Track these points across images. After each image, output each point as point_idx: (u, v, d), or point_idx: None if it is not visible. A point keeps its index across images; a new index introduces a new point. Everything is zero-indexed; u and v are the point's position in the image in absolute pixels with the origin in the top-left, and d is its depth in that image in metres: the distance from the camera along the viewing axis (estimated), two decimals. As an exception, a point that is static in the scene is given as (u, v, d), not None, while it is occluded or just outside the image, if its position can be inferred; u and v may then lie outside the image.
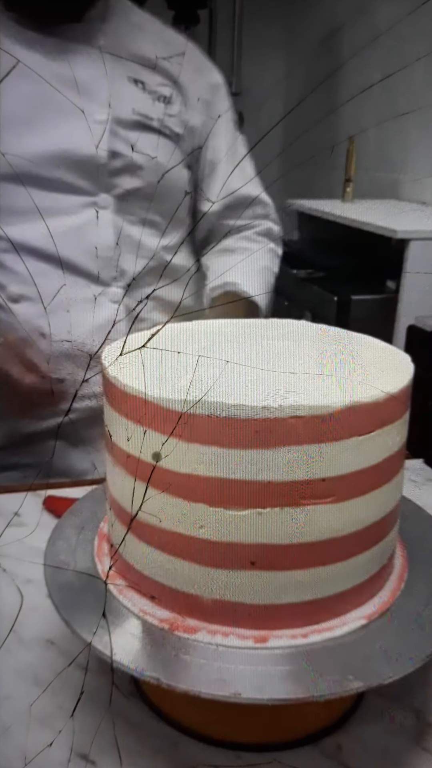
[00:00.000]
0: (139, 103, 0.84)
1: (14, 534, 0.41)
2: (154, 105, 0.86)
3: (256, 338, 0.49)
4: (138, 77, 0.85)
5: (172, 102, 0.88)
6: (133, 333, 0.42)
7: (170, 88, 0.88)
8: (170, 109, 0.87)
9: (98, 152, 0.80)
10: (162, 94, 0.87)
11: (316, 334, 0.51)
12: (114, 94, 0.82)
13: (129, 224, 0.85)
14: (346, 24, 2.54)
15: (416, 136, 2.21)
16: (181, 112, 0.89)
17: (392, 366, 0.44)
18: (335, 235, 2.10)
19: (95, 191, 0.83)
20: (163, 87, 0.87)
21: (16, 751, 0.42)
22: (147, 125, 0.85)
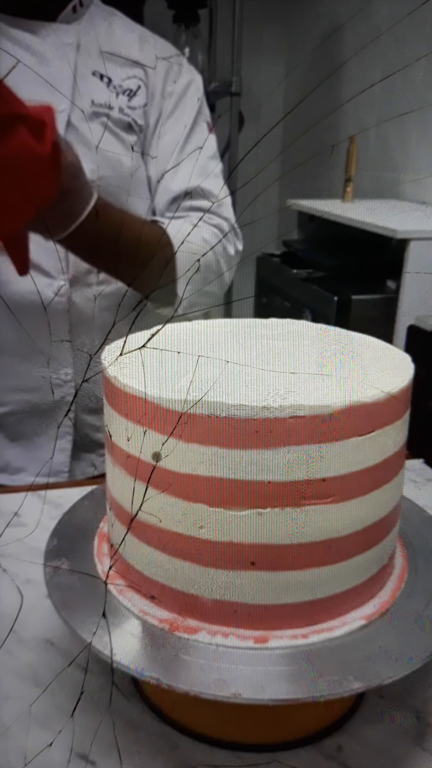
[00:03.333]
0: (99, 95, 0.85)
1: (14, 534, 0.41)
2: (117, 98, 0.86)
3: (256, 338, 0.49)
4: (104, 72, 0.86)
5: (137, 94, 0.88)
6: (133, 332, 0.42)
7: (138, 81, 0.88)
8: (134, 101, 0.88)
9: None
10: (128, 88, 0.87)
11: (316, 334, 0.51)
12: (76, 86, 0.83)
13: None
14: (346, 24, 2.54)
15: (417, 135, 2.21)
16: (147, 104, 0.89)
17: (392, 366, 0.44)
18: (335, 235, 2.10)
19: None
20: (130, 80, 0.88)
21: (16, 751, 0.42)
22: (105, 115, 0.85)
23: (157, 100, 0.90)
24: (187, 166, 0.92)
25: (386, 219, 1.81)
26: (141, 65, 0.89)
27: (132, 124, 0.88)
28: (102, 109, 0.85)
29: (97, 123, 0.85)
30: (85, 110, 0.84)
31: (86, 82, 0.85)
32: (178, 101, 0.92)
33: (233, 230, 0.97)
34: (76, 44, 0.85)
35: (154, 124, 0.91)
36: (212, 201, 0.94)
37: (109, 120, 0.86)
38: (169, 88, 0.91)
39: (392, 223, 1.74)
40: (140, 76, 0.89)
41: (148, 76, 0.90)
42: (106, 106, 0.85)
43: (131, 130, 0.88)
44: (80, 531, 0.50)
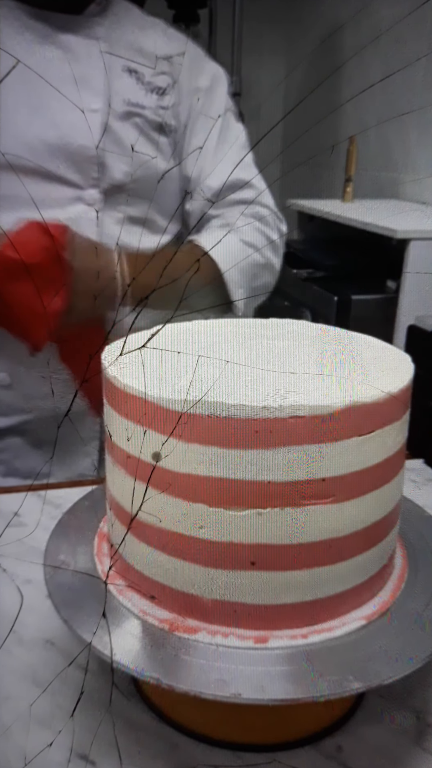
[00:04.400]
0: (131, 93, 0.84)
1: (14, 534, 0.41)
2: (147, 96, 0.85)
3: (256, 338, 0.49)
4: (135, 68, 0.84)
5: (167, 93, 0.86)
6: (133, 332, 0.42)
7: (167, 78, 0.87)
8: (163, 101, 0.86)
9: (88, 143, 0.79)
10: (157, 86, 0.86)
11: (316, 334, 0.51)
12: (108, 85, 0.82)
13: (114, 223, 0.83)
14: (346, 24, 2.54)
15: (416, 136, 2.21)
16: (176, 104, 0.87)
17: (392, 366, 0.44)
18: (335, 235, 2.10)
19: (82, 185, 0.81)
20: (160, 77, 0.86)
21: (16, 751, 0.42)
22: (139, 115, 0.84)
23: (185, 98, 0.88)
24: (224, 161, 0.91)
25: (386, 219, 1.81)
26: (167, 63, 0.87)
27: (164, 124, 0.86)
28: (135, 108, 0.84)
29: (130, 123, 0.84)
30: (119, 110, 0.82)
31: (118, 79, 0.83)
32: (206, 96, 0.90)
33: (274, 215, 0.95)
34: (105, 39, 0.83)
35: (185, 122, 0.89)
36: (251, 189, 0.92)
37: (141, 120, 0.84)
38: (195, 84, 0.89)
39: (392, 223, 1.74)
40: (168, 72, 0.87)
41: (175, 74, 0.88)
42: (140, 105, 0.84)
43: (163, 131, 0.86)
44: (80, 531, 0.50)
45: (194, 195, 0.91)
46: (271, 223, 0.94)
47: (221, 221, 0.91)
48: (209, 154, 0.90)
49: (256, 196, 0.93)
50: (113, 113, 0.82)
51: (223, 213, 0.91)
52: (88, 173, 0.81)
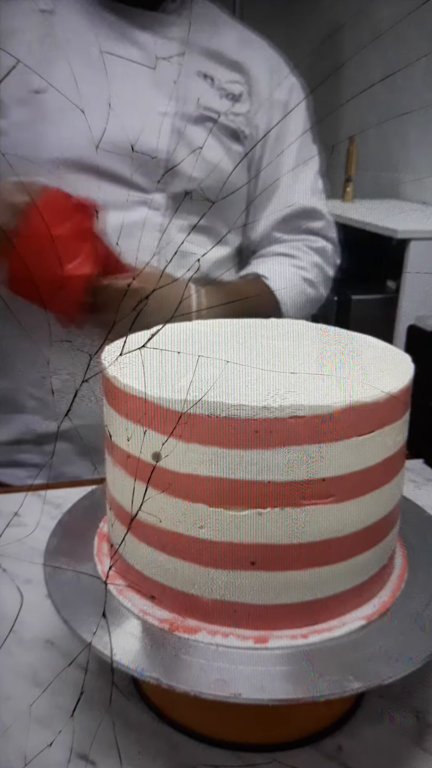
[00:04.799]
0: (205, 97, 0.80)
1: (14, 534, 0.41)
2: (220, 101, 0.82)
3: (256, 338, 0.49)
4: (208, 72, 0.81)
5: (241, 100, 0.83)
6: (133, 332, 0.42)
7: (241, 86, 0.83)
8: (238, 107, 0.83)
9: (157, 147, 0.77)
10: (231, 92, 0.83)
11: (316, 334, 0.51)
12: (181, 87, 0.79)
13: (177, 230, 0.80)
14: (346, 24, 2.54)
15: (417, 135, 2.21)
16: (250, 111, 0.84)
17: (392, 366, 0.44)
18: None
19: (148, 188, 0.79)
20: (233, 84, 0.83)
21: (16, 751, 0.42)
22: (212, 120, 0.81)
23: (264, 108, 0.85)
24: (296, 184, 0.88)
25: (386, 219, 1.81)
26: (243, 69, 0.84)
27: (238, 132, 0.83)
28: (208, 112, 0.81)
29: (202, 128, 0.81)
30: (191, 113, 0.79)
31: (192, 81, 0.80)
32: (285, 110, 0.87)
33: (335, 249, 0.94)
34: (179, 40, 0.80)
35: (262, 134, 0.86)
36: (320, 220, 0.91)
37: (215, 125, 0.81)
38: (275, 96, 0.86)
39: (392, 223, 1.74)
40: (242, 81, 0.84)
41: (251, 81, 0.84)
42: (213, 110, 0.81)
43: (236, 139, 0.83)
44: (80, 531, 0.50)
45: (259, 212, 0.89)
46: (330, 258, 0.92)
47: (284, 248, 0.89)
48: (285, 173, 0.87)
49: (324, 228, 0.91)
50: (185, 117, 0.79)
51: (287, 240, 0.89)
52: (155, 177, 0.78)
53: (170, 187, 0.80)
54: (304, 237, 0.90)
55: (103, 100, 0.74)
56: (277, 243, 0.89)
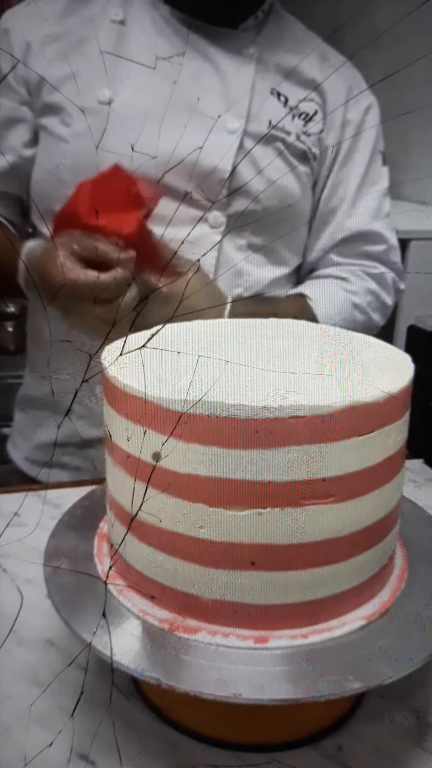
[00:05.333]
0: (277, 116, 0.78)
1: (14, 534, 0.41)
2: (293, 121, 0.80)
3: (256, 338, 0.49)
4: (282, 91, 0.79)
5: (313, 120, 0.81)
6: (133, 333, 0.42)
7: (315, 105, 0.81)
8: (310, 127, 0.80)
9: (222, 165, 0.75)
10: (304, 111, 0.80)
11: (316, 334, 0.51)
12: (253, 104, 0.77)
13: (235, 249, 0.79)
14: (346, 24, 2.54)
15: (416, 136, 2.21)
16: (322, 131, 0.82)
17: (392, 366, 0.44)
18: (335, 235, 2.09)
19: (208, 206, 0.76)
20: (307, 103, 0.81)
21: (16, 751, 0.42)
22: (281, 140, 0.79)
23: (336, 129, 0.83)
24: (358, 206, 0.85)
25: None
26: (319, 88, 0.81)
27: (307, 152, 0.81)
28: (279, 133, 0.79)
29: (271, 148, 0.79)
30: (260, 132, 0.77)
31: (264, 100, 0.78)
32: (357, 130, 0.85)
33: (397, 275, 0.90)
34: (255, 56, 0.78)
35: (332, 155, 0.83)
36: (381, 244, 0.87)
37: (284, 145, 0.79)
38: (349, 116, 0.84)
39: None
40: (317, 100, 0.82)
41: (326, 101, 0.82)
42: (283, 130, 0.79)
43: (305, 160, 0.81)
44: (80, 531, 0.50)
45: (320, 232, 0.86)
46: (390, 285, 0.88)
47: (338, 271, 0.86)
48: (349, 194, 0.84)
49: (384, 253, 0.87)
50: (254, 136, 0.77)
51: (344, 264, 0.86)
52: (216, 195, 0.76)
53: (231, 206, 0.78)
54: (362, 262, 0.87)
55: (171, 113, 0.71)
56: (333, 266, 0.87)
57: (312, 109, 0.81)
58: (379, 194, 0.87)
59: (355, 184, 0.85)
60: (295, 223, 0.83)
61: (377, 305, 0.87)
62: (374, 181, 0.86)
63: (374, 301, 0.86)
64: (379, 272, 0.87)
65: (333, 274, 0.87)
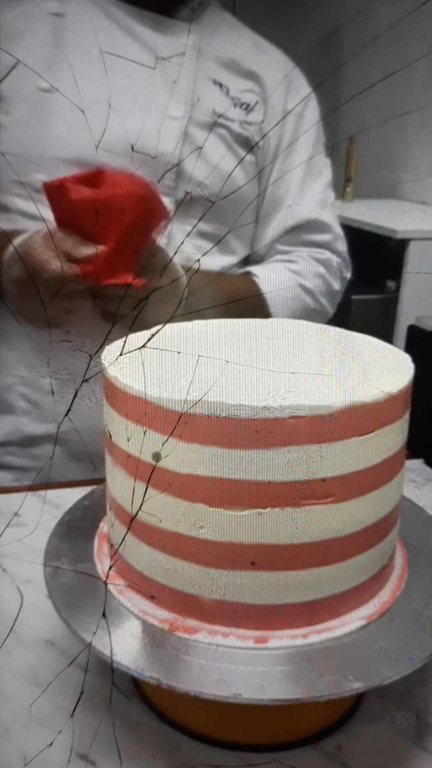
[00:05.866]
0: (219, 105, 0.81)
1: (14, 534, 0.41)
2: (235, 110, 0.82)
3: (256, 338, 0.49)
4: (222, 81, 0.82)
5: (254, 110, 0.83)
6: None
7: (255, 96, 0.83)
8: (251, 117, 0.83)
9: (167, 150, 0.77)
10: (245, 101, 0.83)
11: (316, 334, 0.51)
12: (195, 92, 0.79)
13: (184, 236, 0.80)
14: (346, 24, 2.54)
15: (416, 135, 2.21)
16: (263, 122, 0.84)
17: (392, 366, 0.44)
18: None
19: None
20: (247, 94, 0.83)
21: (16, 751, 0.42)
22: (225, 127, 0.81)
23: (276, 119, 0.85)
24: (304, 197, 0.87)
25: (386, 219, 1.81)
26: (258, 79, 0.84)
27: (250, 140, 0.83)
28: (222, 120, 0.81)
29: (215, 135, 0.81)
30: (203, 119, 0.79)
31: (205, 89, 0.80)
32: (299, 121, 0.87)
33: (343, 262, 0.93)
34: (195, 47, 0.80)
35: (275, 145, 0.86)
36: (327, 233, 0.90)
37: (228, 132, 0.81)
38: (289, 106, 0.86)
39: (392, 223, 1.74)
40: (256, 90, 0.84)
41: (265, 91, 0.84)
42: (225, 117, 0.81)
43: (248, 147, 0.83)
44: (80, 531, 0.50)
45: (267, 222, 0.88)
46: (336, 271, 0.91)
47: (287, 258, 0.89)
48: (294, 184, 0.87)
49: (330, 241, 0.90)
50: (197, 122, 0.79)
51: (291, 251, 0.89)
52: (163, 181, 0.78)
53: (177, 192, 0.79)
54: (309, 249, 0.89)
55: (114, 101, 0.73)
56: (281, 254, 0.89)
57: (252, 99, 0.83)
58: (324, 185, 0.89)
59: (299, 174, 0.87)
60: (240, 210, 0.85)
61: (325, 289, 0.89)
62: (318, 171, 0.89)
63: (322, 285, 0.89)
64: (326, 258, 0.90)
65: (280, 259, 0.89)
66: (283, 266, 0.88)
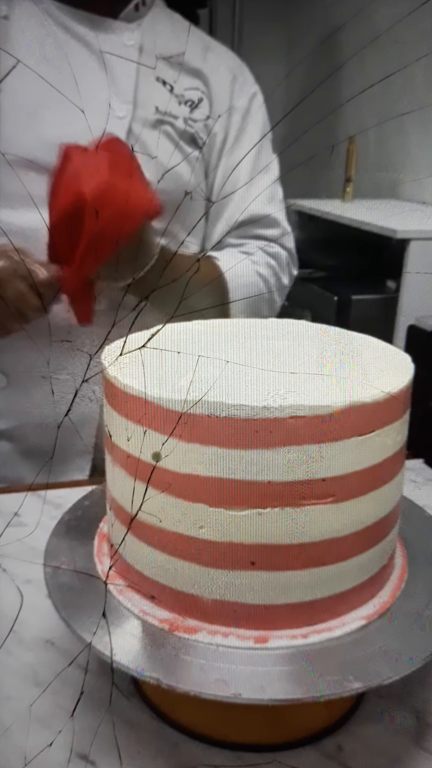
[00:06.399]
0: (163, 102, 0.82)
1: (14, 534, 0.41)
2: (179, 107, 0.83)
3: (256, 338, 0.49)
4: (166, 79, 0.83)
5: (199, 107, 0.84)
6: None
7: (200, 93, 0.85)
8: (196, 114, 0.84)
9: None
10: (189, 99, 0.84)
11: (316, 334, 0.51)
12: (139, 91, 0.80)
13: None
14: (346, 24, 2.54)
15: (416, 136, 2.21)
16: (209, 118, 0.85)
17: (392, 366, 0.44)
18: (335, 235, 2.10)
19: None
20: (192, 91, 0.84)
21: (16, 751, 0.42)
22: (169, 124, 0.82)
23: (222, 116, 0.86)
24: (252, 192, 0.89)
25: (386, 219, 1.81)
26: (203, 76, 0.85)
27: (196, 136, 0.84)
28: (166, 117, 0.82)
29: (160, 132, 0.82)
30: (148, 117, 0.81)
31: (149, 87, 0.81)
32: (244, 117, 0.88)
33: (290, 258, 0.95)
34: (138, 46, 0.81)
35: (221, 141, 0.87)
36: (276, 228, 0.92)
37: (173, 129, 0.82)
38: (234, 103, 0.87)
39: (392, 223, 1.74)
40: (202, 88, 0.85)
41: (210, 89, 0.86)
42: (170, 114, 0.82)
43: (194, 144, 0.85)
44: (80, 531, 0.50)
45: (218, 218, 0.90)
46: (285, 265, 0.93)
47: (241, 249, 0.90)
48: (240, 180, 0.88)
49: (279, 236, 0.92)
50: (143, 121, 0.80)
51: (243, 243, 0.90)
52: None
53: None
54: (259, 243, 0.91)
55: (59, 102, 0.75)
56: (234, 247, 0.91)
57: (197, 96, 0.85)
58: (271, 180, 0.91)
59: (247, 170, 0.89)
60: (191, 207, 0.85)
61: (276, 283, 0.92)
62: (267, 167, 0.90)
63: (273, 277, 0.91)
64: (275, 251, 0.92)
65: (235, 247, 0.91)
66: (239, 255, 0.89)
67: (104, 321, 0.85)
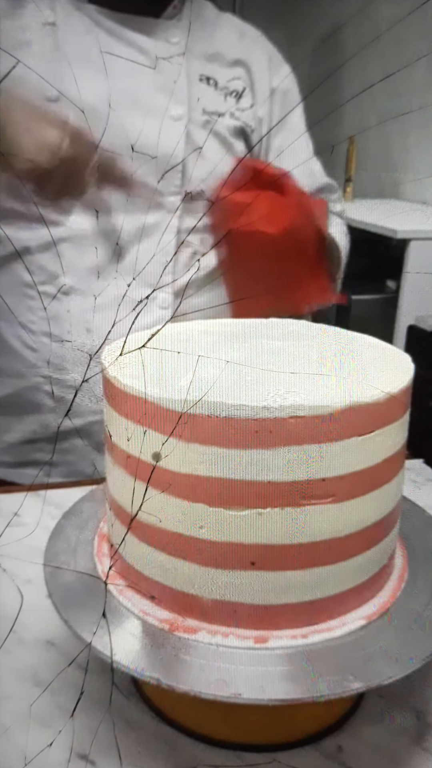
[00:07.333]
0: (208, 101, 0.83)
1: (14, 534, 0.41)
2: (225, 101, 0.84)
3: (256, 338, 0.49)
4: (210, 75, 0.84)
5: (243, 96, 0.86)
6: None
7: (243, 82, 0.86)
8: (242, 103, 0.85)
9: (172, 151, 0.79)
10: (234, 89, 0.85)
11: (316, 334, 0.51)
12: (187, 92, 0.81)
13: (187, 231, 0.83)
14: (346, 24, 2.54)
15: (417, 136, 2.21)
16: (254, 105, 0.87)
17: (392, 366, 0.44)
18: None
19: (165, 192, 0.81)
20: (235, 81, 0.85)
21: (16, 751, 0.42)
22: (218, 122, 0.84)
23: (265, 99, 0.88)
24: (311, 166, 0.91)
25: (386, 219, 1.81)
26: (244, 64, 0.86)
27: (244, 127, 0.86)
28: (213, 116, 0.83)
29: (211, 133, 0.83)
30: (199, 118, 0.82)
31: (195, 87, 0.82)
32: (284, 97, 0.90)
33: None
34: (182, 44, 0.81)
35: (267, 124, 0.89)
36: (335, 193, 0.96)
37: (221, 127, 0.84)
38: (272, 85, 0.89)
39: (392, 223, 1.74)
40: (244, 77, 0.86)
41: (252, 75, 0.87)
42: (217, 113, 0.83)
43: (243, 135, 0.86)
44: (80, 531, 0.50)
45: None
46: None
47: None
48: (298, 156, 0.90)
49: (338, 200, 0.95)
50: (194, 121, 0.82)
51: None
52: (171, 181, 0.81)
53: (181, 192, 0.82)
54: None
55: (119, 106, 0.75)
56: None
57: (240, 86, 0.86)
58: (310, 154, 0.94)
59: (303, 146, 0.92)
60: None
61: (345, 242, 0.93)
62: (305, 142, 0.93)
63: (347, 236, 0.93)
64: (341, 210, 0.96)
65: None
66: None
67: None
